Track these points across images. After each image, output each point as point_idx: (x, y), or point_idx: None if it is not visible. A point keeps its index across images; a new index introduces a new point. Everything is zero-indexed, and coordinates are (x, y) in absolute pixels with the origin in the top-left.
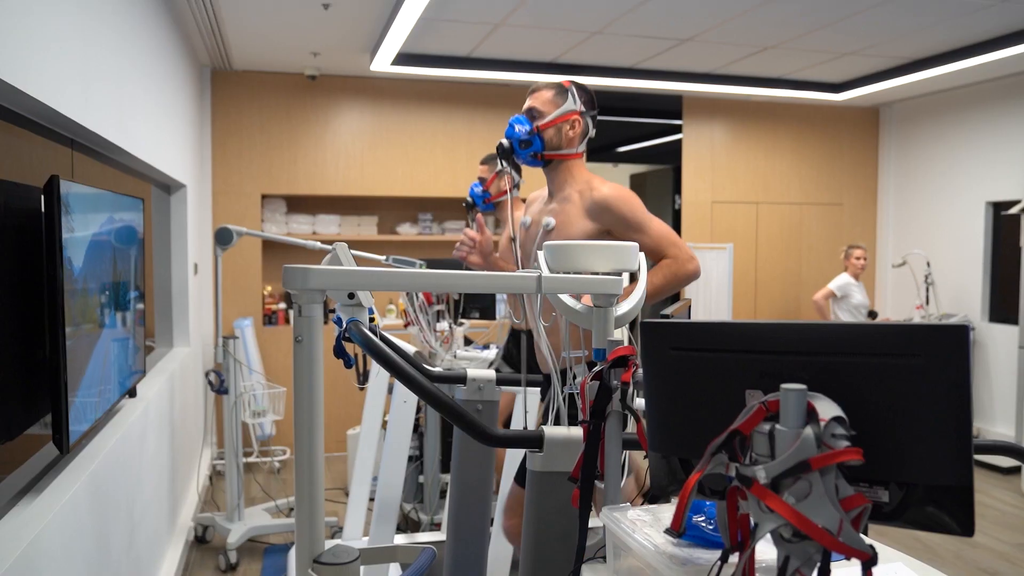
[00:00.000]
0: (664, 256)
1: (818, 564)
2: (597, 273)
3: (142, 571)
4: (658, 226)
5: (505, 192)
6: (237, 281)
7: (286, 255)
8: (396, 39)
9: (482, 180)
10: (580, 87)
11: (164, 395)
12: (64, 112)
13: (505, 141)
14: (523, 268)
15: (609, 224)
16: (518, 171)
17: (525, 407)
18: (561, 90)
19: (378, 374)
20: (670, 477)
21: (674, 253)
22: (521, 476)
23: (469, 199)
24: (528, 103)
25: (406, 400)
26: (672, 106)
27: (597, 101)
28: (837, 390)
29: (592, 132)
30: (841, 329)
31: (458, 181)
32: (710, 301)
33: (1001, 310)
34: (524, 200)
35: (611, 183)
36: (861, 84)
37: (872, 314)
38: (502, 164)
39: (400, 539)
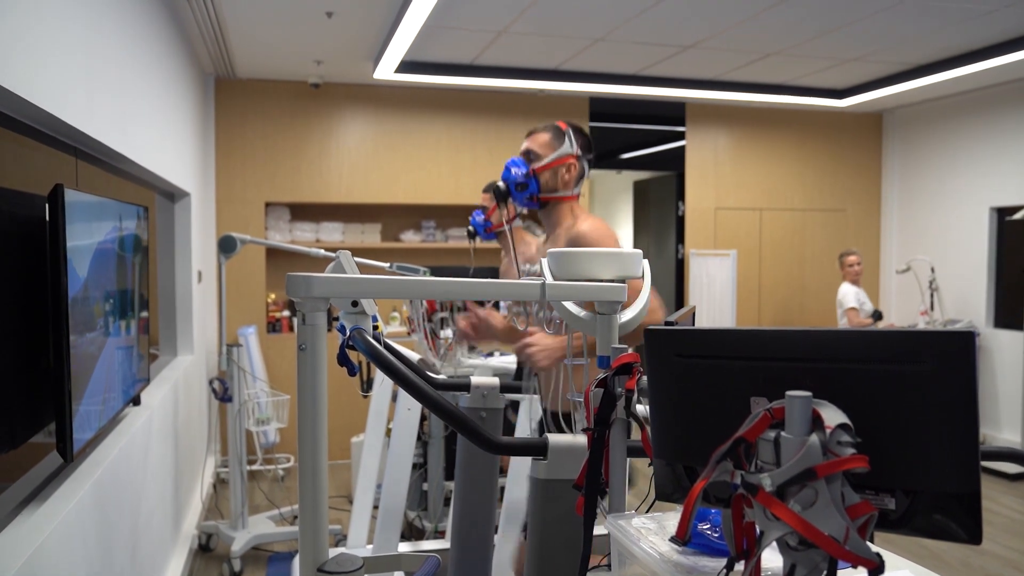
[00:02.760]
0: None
1: (824, 572)
2: (601, 280)
3: None
4: None
5: (513, 219)
6: (241, 289)
7: (290, 263)
8: (399, 47)
9: (484, 209)
10: (577, 130)
11: (168, 403)
12: (69, 121)
13: (501, 184)
14: (528, 313)
15: None
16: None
17: (530, 415)
18: (558, 133)
19: (382, 382)
20: (675, 484)
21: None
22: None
23: (471, 228)
24: (525, 145)
25: (410, 408)
26: (675, 113)
27: (598, 108)
28: (842, 397)
29: (588, 175)
30: (846, 336)
31: (462, 189)
32: (714, 307)
33: (1006, 316)
34: (530, 230)
35: (594, 220)
36: (864, 90)
37: (878, 314)
38: (500, 203)
39: (404, 547)
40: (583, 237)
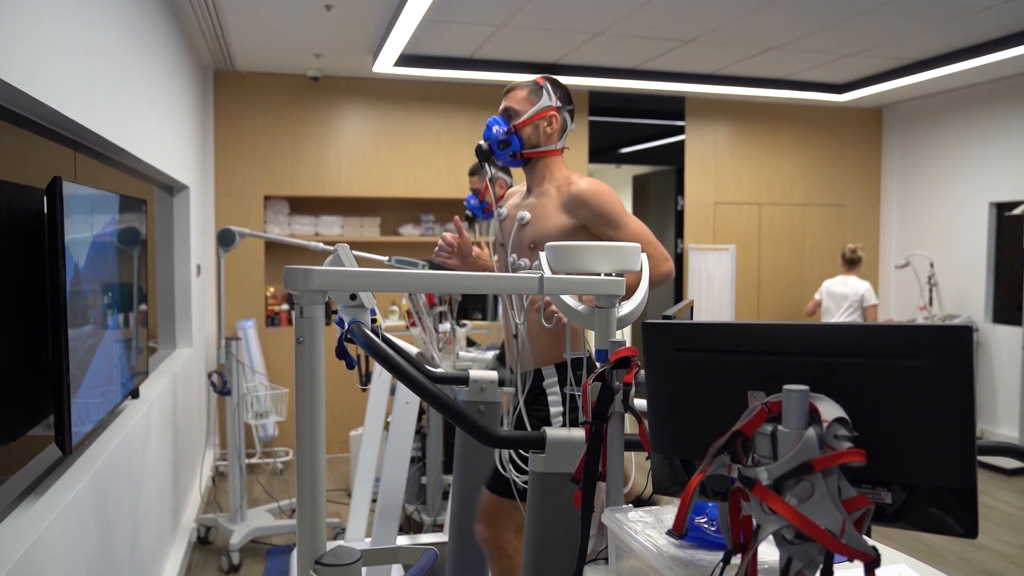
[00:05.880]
0: None
1: (821, 566)
2: (599, 274)
3: (145, 572)
4: (635, 224)
5: (502, 196)
6: (240, 282)
7: (289, 256)
8: (399, 40)
9: (476, 191)
10: (555, 83)
11: (167, 396)
12: (68, 115)
13: (484, 143)
14: (499, 262)
15: (586, 219)
16: (507, 172)
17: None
18: (536, 87)
19: (380, 375)
20: (672, 478)
21: (649, 252)
22: (494, 483)
23: (469, 213)
24: (504, 103)
25: (408, 401)
26: (675, 107)
27: (598, 102)
28: (839, 391)
29: (571, 127)
30: (843, 330)
31: (460, 183)
32: (713, 302)
33: (1005, 311)
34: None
35: (590, 178)
36: (864, 85)
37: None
38: (484, 167)
39: (402, 540)
40: (586, 195)
